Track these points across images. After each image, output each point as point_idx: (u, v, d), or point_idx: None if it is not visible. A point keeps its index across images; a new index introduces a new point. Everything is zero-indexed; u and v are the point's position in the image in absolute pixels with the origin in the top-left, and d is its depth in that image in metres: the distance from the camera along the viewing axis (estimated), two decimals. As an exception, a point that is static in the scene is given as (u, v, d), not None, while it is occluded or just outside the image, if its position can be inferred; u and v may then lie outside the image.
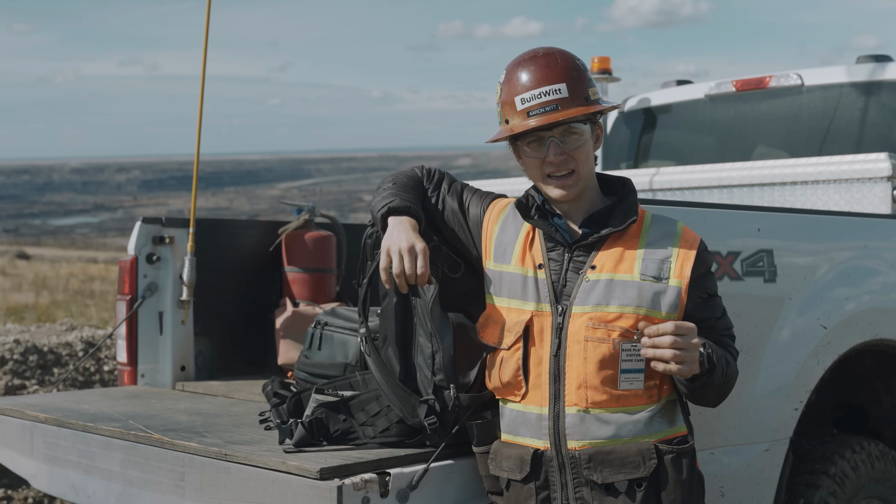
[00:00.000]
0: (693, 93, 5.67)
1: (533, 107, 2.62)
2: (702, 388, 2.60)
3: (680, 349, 2.51)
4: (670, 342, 2.51)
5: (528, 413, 2.67)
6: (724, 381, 2.64)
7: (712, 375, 2.58)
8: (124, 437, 3.17)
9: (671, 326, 2.52)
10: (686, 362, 2.53)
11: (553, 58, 2.66)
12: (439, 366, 2.78)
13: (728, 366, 2.64)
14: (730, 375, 2.66)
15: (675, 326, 2.52)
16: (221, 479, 2.81)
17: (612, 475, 2.58)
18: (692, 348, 2.53)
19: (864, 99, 5.04)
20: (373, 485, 2.59)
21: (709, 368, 2.57)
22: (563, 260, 2.67)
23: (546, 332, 2.64)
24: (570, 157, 2.65)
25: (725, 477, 3.22)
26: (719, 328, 2.71)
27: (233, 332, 4.51)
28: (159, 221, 4.31)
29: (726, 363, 2.63)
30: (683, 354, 2.52)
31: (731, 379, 2.68)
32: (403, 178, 2.92)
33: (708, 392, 2.64)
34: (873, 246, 3.71)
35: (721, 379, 2.62)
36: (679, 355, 2.51)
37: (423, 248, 2.69)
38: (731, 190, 4.70)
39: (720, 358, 2.61)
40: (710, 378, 2.59)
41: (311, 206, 4.63)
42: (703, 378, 2.58)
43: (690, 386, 2.59)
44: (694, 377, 2.57)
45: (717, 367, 2.59)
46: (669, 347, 2.51)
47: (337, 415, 2.88)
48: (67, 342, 7.87)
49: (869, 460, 3.69)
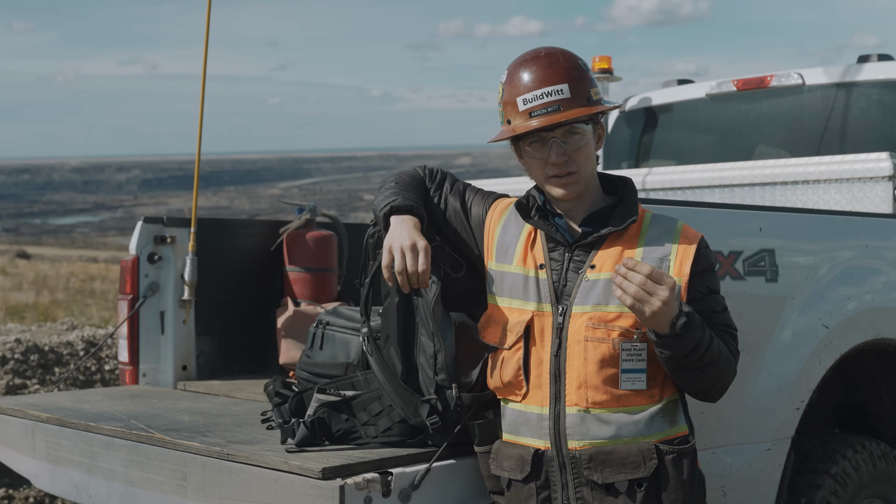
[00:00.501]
0: (694, 92, 5.68)
1: (535, 107, 2.62)
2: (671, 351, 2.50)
3: (646, 291, 2.44)
4: (639, 281, 2.44)
5: (528, 413, 2.67)
6: (702, 359, 2.53)
7: (681, 340, 2.48)
8: (126, 436, 3.17)
9: (647, 269, 2.45)
10: (645, 305, 2.44)
11: (555, 58, 2.65)
12: (441, 365, 2.79)
13: (711, 345, 2.54)
14: (714, 358, 2.55)
15: (650, 270, 2.45)
16: (224, 479, 2.82)
17: (613, 475, 2.58)
18: (657, 296, 2.43)
19: (866, 98, 5.04)
20: (375, 484, 2.59)
21: (678, 333, 2.47)
22: (564, 260, 2.67)
23: (547, 332, 2.64)
24: (571, 157, 2.64)
25: (727, 476, 3.22)
26: (717, 322, 2.64)
27: (234, 331, 4.51)
28: (161, 221, 4.32)
29: (710, 342, 2.54)
30: (644, 296, 2.44)
31: (715, 363, 2.57)
32: (406, 177, 2.92)
33: (683, 364, 2.53)
34: (874, 245, 3.71)
35: (695, 353, 2.51)
36: (640, 294, 2.44)
37: (424, 247, 2.69)
38: (733, 189, 4.70)
39: (705, 336, 2.52)
40: (678, 342, 2.48)
41: (312, 205, 4.63)
42: (671, 340, 2.48)
43: (658, 344, 2.50)
44: (661, 336, 2.49)
45: (690, 337, 2.49)
46: (637, 285, 2.45)
47: (339, 414, 2.88)
48: (68, 341, 7.87)
49: (870, 460, 3.69)
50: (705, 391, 2.66)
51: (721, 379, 2.64)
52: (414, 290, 2.77)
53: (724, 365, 2.62)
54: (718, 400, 2.73)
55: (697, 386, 2.63)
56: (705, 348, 2.53)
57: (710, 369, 2.58)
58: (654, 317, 2.46)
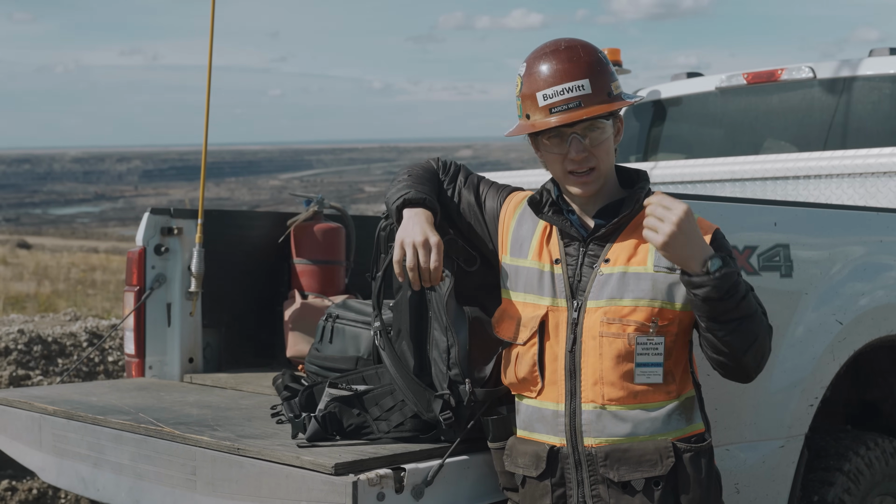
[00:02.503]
0: (704, 85, 5.63)
1: (555, 104, 2.57)
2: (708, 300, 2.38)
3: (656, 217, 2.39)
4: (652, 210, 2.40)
5: (543, 409, 2.64)
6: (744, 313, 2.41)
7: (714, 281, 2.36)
8: (135, 430, 3.14)
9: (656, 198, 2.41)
10: (658, 231, 2.38)
11: (575, 51, 2.60)
12: (455, 360, 2.75)
13: (756, 307, 2.43)
14: (753, 313, 2.43)
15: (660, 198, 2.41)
16: (234, 474, 2.79)
17: (629, 473, 2.55)
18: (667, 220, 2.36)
19: (877, 92, 5.00)
20: (388, 480, 2.56)
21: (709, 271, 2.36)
22: (579, 255, 2.63)
23: (561, 327, 2.61)
24: (591, 153, 2.60)
25: (741, 473, 3.19)
26: None
27: (241, 324, 4.49)
28: (167, 212, 4.29)
29: (747, 292, 2.42)
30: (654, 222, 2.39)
31: (755, 319, 2.44)
32: (419, 170, 2.88)
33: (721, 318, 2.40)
34: (889, 241, 3.68)
35: (736, 303, 2.39)
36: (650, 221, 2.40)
37: (437, 242, 2.65)
38: (743, 183, 4.66)
39: (741, 283, 2.40)
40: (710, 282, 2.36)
41: (319, 197, 4.60)
42: (701, 279, 2.37)
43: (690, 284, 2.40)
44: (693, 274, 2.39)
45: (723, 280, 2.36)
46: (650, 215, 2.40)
47: (350, 409, 2.85)
48: (71, 332, 7.85)
49: (883, 457, 3.67)
50: (741, 355, 2.47)
51: (759, 339, 2.48)
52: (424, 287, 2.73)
53: (761, 324, 2.48)
54: (755, 377, 2.58)
55: (734, 344, 2.45)
56: (742, 295, 2.41)
57: (747, 323, 2.44)
58: (675, 245, 2.37)
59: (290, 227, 4.53)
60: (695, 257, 2.40)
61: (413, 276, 2.65)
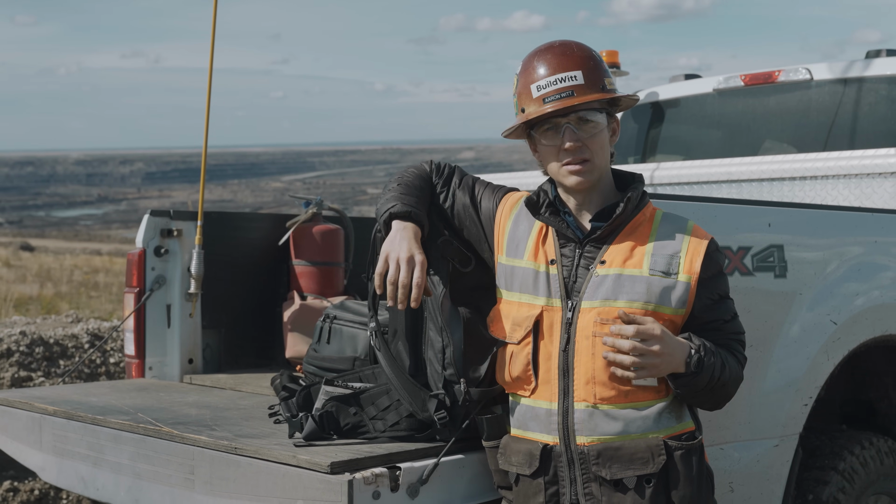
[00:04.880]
0: (701, 87, 5.66)
1: (549, 93, 2.62)
2: (687, 388, 2.57)
3: (639, 355, 2.50)
4: (629, 347, 2.50)
5: (537, 408, 2.66)
6: (714, 386, 2.59)
7: (697, 378, 2.55)
8: (134, 430, 3.17)
9: (632, 331, 2.50)
10: (646, 369, 2.52)
11: (569, 47, 2.67)
12: (450, 360, 2.78)
13: (723, 371, 2.60)
14: (725, 380, 2.62)
15: (636, 331, 2.50)
16: (231, 473, 2.81)
17: (621, 471, 2.58)
18: (651, 356, 2.50)
19: (874, 94, 5.02)
20: (383, 479, 2.58)
21: (694, 371, 2.55)
22: (575, 256, 2.66)
23: (555, 327, 2.63)
24: (585, 145, 2.63)
25: (735, 472, 3.22)
26: (727, 331, 2.68)
27: (240, 325, 4.51)
28: (167, 214, 4.31)
29: (721, 368, 2.59)
30: (643, 361, 2.51)
31: (726, 384, 2.63)
32: (410, 176, 2.90)
33: (696, 394, 2.60)
34: (883, 241, 3.70)
35: (709, 383, 2.58)
36: (637, 362, 2.51)
37: (421, 261, 2.68)
38: (740, 184, 4.68)
39: (713, 364, 2.57)
40: (693, 380, 2.56)
41: (318, 199, 4.62)
42: (687, 379, 2.56)
43: (676, 385, 2.57)
44: (677, 375, 2.55)
45: (705, 373, 2.56)
46: (629, 352, 2.50)
47: (347, 408, 2.87)
48: (73, 334, 7.87)
49: (878, 456, 3.69)
50: (708, 407, 2.73)
51: (729, 393, 2.70)
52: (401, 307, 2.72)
53: (734, 383, 2.68)
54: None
55: (706, 405, 2.71)
56: (717, 376, 2.59)
57: (721, 391, 2.65)
58: (664, 367, 2.54)
59: (289, 228, 4.55)
60: (679, 363, 2.56)
61: (391, 290, 2.68)
